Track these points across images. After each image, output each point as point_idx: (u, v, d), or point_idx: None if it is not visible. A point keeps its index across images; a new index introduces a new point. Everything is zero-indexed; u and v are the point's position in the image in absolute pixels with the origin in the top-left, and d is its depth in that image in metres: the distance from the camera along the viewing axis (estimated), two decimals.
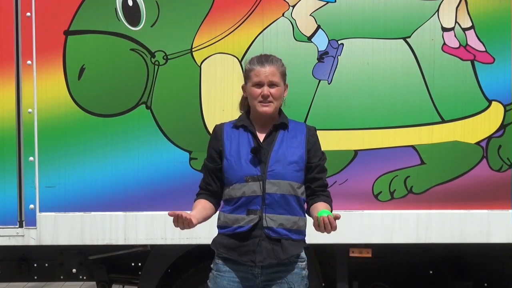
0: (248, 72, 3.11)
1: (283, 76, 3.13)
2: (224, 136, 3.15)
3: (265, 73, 3.06)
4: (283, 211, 3.06)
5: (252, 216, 3.04)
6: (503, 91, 4.17)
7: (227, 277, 3.11)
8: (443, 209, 4.21)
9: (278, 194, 3.04)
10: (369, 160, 4.19)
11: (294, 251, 3.09)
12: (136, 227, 4.23)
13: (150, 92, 4.17)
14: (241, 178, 3.06)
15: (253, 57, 3.17)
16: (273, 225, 3.04)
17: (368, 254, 4.49)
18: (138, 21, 4.14)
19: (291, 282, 3.10)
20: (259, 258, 3.04)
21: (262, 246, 3.04)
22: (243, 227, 3.04)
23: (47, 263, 4.75)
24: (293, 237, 3.09)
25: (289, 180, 3.07)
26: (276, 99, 3.08)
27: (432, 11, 4.13)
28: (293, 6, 4.13)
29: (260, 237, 3.04)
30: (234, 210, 3.08)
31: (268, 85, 3.06)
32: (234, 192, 3.07)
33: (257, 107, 3.09)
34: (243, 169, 3.06)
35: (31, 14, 4.12)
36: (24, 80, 4.16)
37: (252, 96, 3.09)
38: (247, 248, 3.05)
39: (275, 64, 3.10)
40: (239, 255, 3.07)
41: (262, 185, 3.03)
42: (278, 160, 3.07)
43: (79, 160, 4.19)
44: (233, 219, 3.07)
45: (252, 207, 3.05)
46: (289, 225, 3.06)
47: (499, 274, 4.79)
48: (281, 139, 3.12)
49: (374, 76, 4.16)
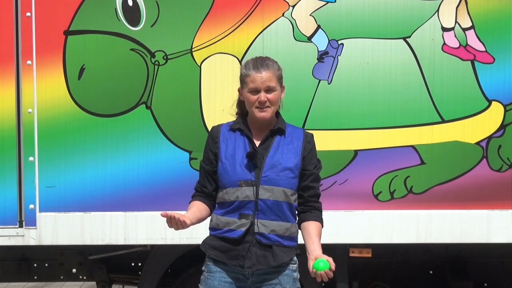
0: (244, 78, 3.06)
1: (280, 80, 3.08)
2: (220, 139, 3.12)
3: (261, 79, 3.00)
4: (276, 217, 3.03)
5: (244, 221, 3.02)
6: (503, 91, 4.17)
7: (218, 278, 3.09)
8: (443, 209, 4.21)
9: (271, 200, 3.02)
10: (369, 160, 4.19)
11: (285, 258, 3.06)
12: (136, 227, 4.23)
13: (150, 92, 4.17)
14: (234, 183, 3.03)
15: (248, 61, 3.10)
16: (264, 231, 3.01)
17: (368, 254, 4.49)
18: (138, 21, 4.14)
19: (284, 283, 3.08)
20: (248, 264, 3.02)
21: (252, 252, 3.02)
22: (234, 231, 3.02)
23: (47, 263, 4.75)
24: (285, 244, 3.06)
25: (283, 186, 3.03)
26: (273, 104, 3.04)
27: (432, 11, 4.13)
28: (293, 6, 4.13)
29: (251, 243, 3.02)
30: (226, 213, 3.06)
31: (264, 90, 3.01)
32: (228, 196, 3.05)
33: (254, 113, 3.05)
34: (237, 174, 3.03)
35: (31, 14, 4.12)
36: (24, 80, 4.16)
37: (249, 103, 3.05)
38: (236, 252, 3.03)
39: (271, 68, 3.03)
40: (228, 259, 3.04)
41: (255, 190, 3.01)
42: (273, 166, 3.04)
43: (79, 160, 4.19)
44: (224, 222, 3.05)
45: (245, 212, 3.02)
46: (281, 232, 3.04)
47: (499, 274, 4.79)
48: (277, 144, 3.09)
49: (374, 76, 4.16)
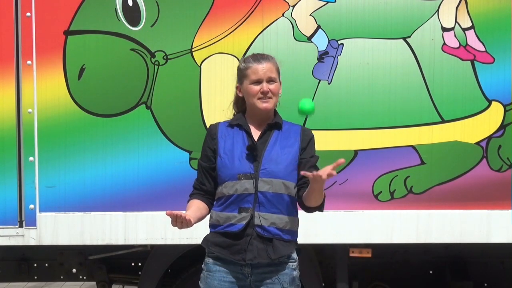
0: (244, 71, 3.10)
1: (279, 73, 3.14)
2: (218, 135, 3.14)
3: (263, 69, 3.06)
4: (276, 210, 3.04)
5: (244, 214, 3.02)
6: (503, 91, 4.17)
7: (217, 277, 3.09)
8: (443, 209, 4.21)
9: (271, 192, 3.03)
10: (369, 160, 4.19)
11: (285, 251, 3.07)
12: (136, 227, 4.23)
13: (150, 92, 4.16)
14: (233, 176, 3.04)
15: (247, 57, 3.17)
16: (265, 223, 3.02)
17: (368, 254, 4.49)
18: (138, 21, 4.14)
19: (283, 281, 3.08)
20: (249, 256, 3.02)
21: (253, 245, 3.02)
22: (235, 225, 3.03)
23: (47, 263, 4.75)
24: (285, 238, 3.06)
25: (282, 179, 3.05)
26: (275, 95, 3.09)
27: (432, 11, 4.13)
28: (293, 6, 4.13)
29: (252, 236, 3.03)
30: (225, 208, 3.07)
31: (266, 81, 3.06)
32: (227, 190, 3.06)
33: (256, 104, 3.08)
34: (236, 167, 3.04)
35: (31, 14, 4.12)
36: (24, 80, 4.16)
37: (251, 94, 3.08)
38: (239, 246, 3.03)
39: (271, 60, 3.11)
40: (231, 254, 3.05)
41: (255, 183, 3.02)
42: (272, 159, 3.05)
43: (79, 160, 4.19)
44: (224, 217, 3.06)
45: (244, 205, 3.03)
46: (281, 225, 3.04)
47: (499, 274, 4.79)
48: (275, 138, 3.11)
49: (374, 76, 4.16)
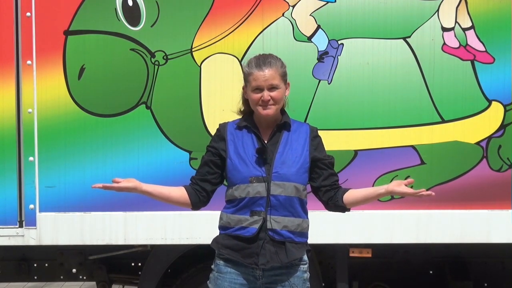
0: (247, 76, 3.04)
1: (284, 77, 3.05)
2: (228, 136, 3.10)
3: (264, 77, 2.98)
4: (287, 213, 3.02)
5: (256, 217, 3.00)
6: (503, 91, 4.17)
7: (228, 279, 3.08)
8: (443, 209, 4.21)
9: (283, 195, 3.00)
10: (369, 160, 4.19)
11: (297, 254, 3.05)
12: (136, 227, 4.23)
13: (150, 92, 4.16)
14: (245, 179, 3.01)
15: (251, 59, 3.08)
16: (277, 227, 2.99)
17: (368, 254, 4.49)
18: (138, 21, 4.14)
19: (294, 284, 3.06)
20: (262, 261, 3.00)
21: (266, 249, 3.00)
22: (246, 228, 3.00)
23: (47, 263, 4.75)
24: (296, 240, 3.05)
25: (294, 182, 3.02)
26: (277, 102, 3.02)
27: (432, 11, 4.13)
28: (293, 6, 4.13)
29: (264, 240, 3.00)
30: (237, 211, 3.04)
31: (267, 89, 2.99)
32: (238, 193, 3.03)
33: (258, 110, 3.04)
34: (247, 170, 3.01)
35: (31, 14, 4.12)
36: (24, 80, 4.16)
37: (253, 101, 3.04)
38: (251, 250, 3.01)
39: (273, 66, 3.01)
40: (242, 257, 3.03)
41: (267, 186, 2.99)
42: (284, 162, 3.03)
43: (79, 160, 4.19)
44: (236, 220, 3.04)
45: (256, 209, 3.00)
46: (293, 228, 3.03)
47: (499, 274, 4.79)
48: (286, 140, 3.08)
49: (374, 76, 4.16)
